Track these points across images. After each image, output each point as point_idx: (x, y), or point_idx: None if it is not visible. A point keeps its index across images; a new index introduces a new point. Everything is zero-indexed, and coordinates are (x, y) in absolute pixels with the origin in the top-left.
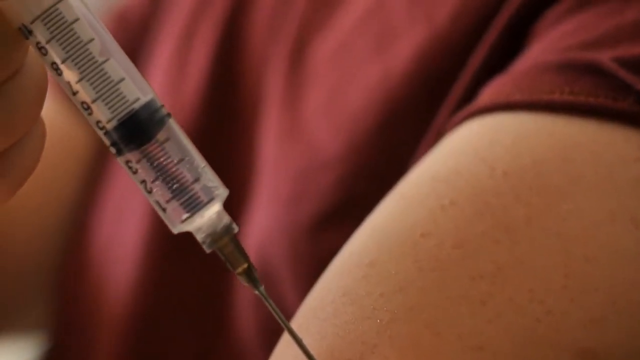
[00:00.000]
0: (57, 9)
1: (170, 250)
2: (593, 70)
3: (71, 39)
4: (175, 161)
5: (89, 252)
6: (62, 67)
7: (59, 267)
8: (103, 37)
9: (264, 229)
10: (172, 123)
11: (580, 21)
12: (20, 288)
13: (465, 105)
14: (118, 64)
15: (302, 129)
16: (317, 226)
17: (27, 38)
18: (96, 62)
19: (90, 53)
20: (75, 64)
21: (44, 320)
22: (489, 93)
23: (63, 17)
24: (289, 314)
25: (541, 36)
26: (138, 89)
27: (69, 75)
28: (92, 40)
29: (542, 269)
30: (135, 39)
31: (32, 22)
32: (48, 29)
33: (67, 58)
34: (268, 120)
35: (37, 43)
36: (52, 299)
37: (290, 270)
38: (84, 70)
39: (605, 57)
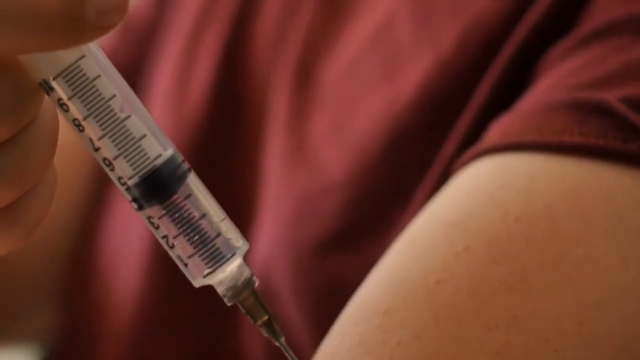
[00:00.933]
0: (78, 66)
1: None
2: (602, 111)
3: (93, 96)
4: (197, 217)
5: (96, 260)
6: (83, 123)
7: (66, 275)
8: (124, 92)
9: (268, 248)
10: (193, 177)
11: (588, 57)
12: (24, 295)
13: (473, 137)
14: (139, 119)
15: (308, 151)
16: (320, 249)
17: (48, 94)
18: (118, 118)
19: (112, 110)
20: (97, 121)
21: (47, 327)
22: (497, 131)
23: (85, 74)
24: (292, 334)
25: (548, 71)
26: (159, 144)
27: (91, 132)
28: (113, 96)
29: (556, 316)
30: (140, 48)
31: (53, 79)
32: (70, 85)
33: (89, 115)
34: (273, 137)
35: (59, 99)
36: (57, 306)
37: (294, 290)
38: (105, 127)
39: (613, 96)
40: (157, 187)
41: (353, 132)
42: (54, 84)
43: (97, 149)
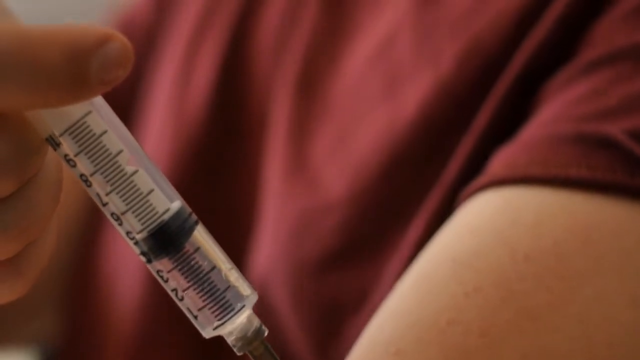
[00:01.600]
0: (85, 122)
1: None
2: (607, 144)
3: (100, 152)
4: (207, 270)
5: (99, 266)
6: (91, 179)
7: (69, 279)
8: (131, 146)
9: (267, 262)
10: (201, 229)
11: (591, 85)
12: (26, 298)
13: (475, 162)
14: (147, 174)
15: (309, 166)
16: (319, 266)
17: (54, 149)
18: (125, 174)
19: (120, 165)
20: (104, 177)
21: (48, 331)
22: (503, 163)
23: (91, 130)
24: (292, 347)
25: (551, 98)
26: (167, 198)
27: (98, 187)
28: (120, 152)
29: (566, 356)
30: (141, 53)
31: (60, 135)
32: (76, 142)
33: (96, 171)
34: (274, 149)
35: (65, 155)
36: (59, 310)
37: (293, 305)
38: (113, 183)
39: (618, 129)
40: (165, 241)
41: (354, 150)
42: (60, 140)
43: (105, 204)
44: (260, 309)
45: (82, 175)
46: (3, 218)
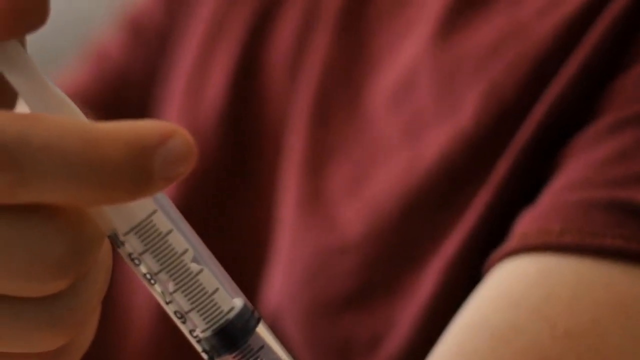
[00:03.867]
0: (151, 221)
1: None
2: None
3: (165, 251)
4: None
5: (114, 281)
6: (155, 278)
7: None
8: (196, 246)
9: (279, 300)
10: (263, 326)
11: (619, 145)
12: None
13: (492, 215)
14: (211, 273)
15: (324, 203)
16: (333, 307)
17: (117, 247)
18: (191, 273)
19: (185, 264)
20: (170, 276)
21: None
22: (536, 229)
23: (157, 229)
24: None
25: (577, 156)
26: (229, 295)
27: (163, 286)
28: (186, 251)
29: None
30: (153, 56)
31: (125, 234)
32: (142, 241)
33: (161, 270)
34: (288, 177)
35: (130, 254)
36: None
37: (304, 343)
38: (178, 282)
39: None
40: (230, 340)
41: (371, 191)
42: (125, 238)
43: (168, 302)
44: None
45: (146, 274)
46: (54, 315)
